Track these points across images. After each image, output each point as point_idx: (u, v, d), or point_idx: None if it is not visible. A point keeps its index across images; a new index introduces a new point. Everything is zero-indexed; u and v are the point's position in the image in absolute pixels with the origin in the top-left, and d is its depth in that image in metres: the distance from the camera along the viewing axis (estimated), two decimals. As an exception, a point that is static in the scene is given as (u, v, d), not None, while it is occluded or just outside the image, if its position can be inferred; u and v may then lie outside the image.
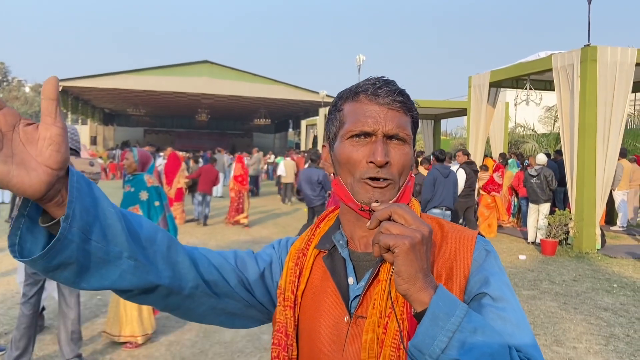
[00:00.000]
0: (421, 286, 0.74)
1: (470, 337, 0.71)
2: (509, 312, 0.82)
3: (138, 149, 4.54)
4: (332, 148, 0.99)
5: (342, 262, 0.97)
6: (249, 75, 30.09)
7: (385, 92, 0.92)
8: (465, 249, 0.91)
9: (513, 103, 12.45)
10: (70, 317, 3.75)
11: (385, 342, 0.85)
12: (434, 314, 0.72)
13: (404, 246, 0.72)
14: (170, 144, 35.89)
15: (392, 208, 0.77)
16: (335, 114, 0.99)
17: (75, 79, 28.00)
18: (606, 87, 8.69)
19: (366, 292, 0.91)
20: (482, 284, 0.86)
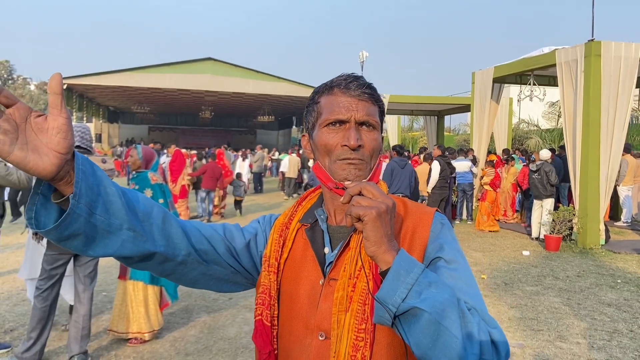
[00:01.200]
0: (386, 249, 0.87)
1: (425, 289, 0.84)
2: (459, 272, 0.98)
3: (142, 147, 4.56)
4: (312, 136, 1.13)
5: (321, 234, 1.11)
6: (252, 72, 30.05)
7: (356, 86, 1.07)
8: (424, 222, 1.07)
9: (517, 99, 12.40)
10: (80, 313, 3.79)
11: (354, 298, 0.98)
12: (396, 271, 0.85)
13: (372, 215, 0.85)
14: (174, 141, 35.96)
15: (361, 185, 0.91)
16: (313, 106, 1.13)
17: (79, 77, 28.04)
18: (610, 82, 8.65)
19: (338, 258, 1.05)
20: (438, 249, 1.02)
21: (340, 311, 0.99)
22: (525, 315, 5.27)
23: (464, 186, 11.46)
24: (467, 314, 0.86)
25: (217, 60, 29.73)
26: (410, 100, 17.41)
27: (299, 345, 1.05)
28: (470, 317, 0.86)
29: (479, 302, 0.93)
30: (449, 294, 0.85)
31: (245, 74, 29.81)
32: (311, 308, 1.05)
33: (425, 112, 20.01)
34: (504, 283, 6.53)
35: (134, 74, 28.55)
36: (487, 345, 0.86)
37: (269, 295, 1.09)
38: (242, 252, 1.14)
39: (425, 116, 20.61)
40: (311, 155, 1.15)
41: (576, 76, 8.92)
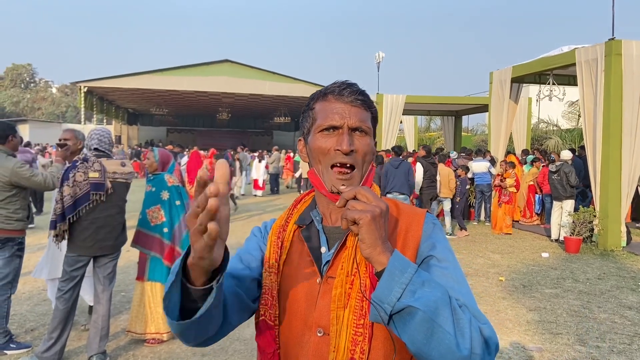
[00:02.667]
0: (380, 250, 0.91)
1: (419, 288, 0.88)
2: (450, 270, 1.02)
3: (159, 149, 4.61)
4: (307, 141, 1.16)
5: (317, 234, 1.15)
6: (269, 74, 30.16)
7: (349, 92, 1.10)
8: (416, 222, 1.11)
9: (535, 98, 12.25)
10: (100, 313, 3.86)
11: (352, 295, 1.03)
12: (391, 271, 0.89)
13: (367, 218, 0.89)
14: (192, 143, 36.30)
15: (356, 189, 0.94)
16: (308, 112, 1.16)
17: (100, 80, 28.48)
18: (632, 81, 8.50)
19: (335, 257, 1.08)
20: (430, 248, 1.06)
21: (338, 307, 1.02)
22: (544, 318, 5.20)
23: (482, 187, 11.33)
24: (458, 311, 0.90)
25: (234, 62, 29.92)
26: (427, 101, 17.32)
27: (298, 343, 1.08)
28: (462, 314, 0.90)
29: (470, 299, 0.97)
30: (441, 292, 0.89)
31: (262, 76, 29.94)
32: (309, 306, 1.08)
33: (443, 112, 19.88)
34: (523, 285, 6.45)
35: (152, 76, 28.89)
36: (478, 340, 0.89)
37: (271, 296, 1.12)
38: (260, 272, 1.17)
39: (442, 116, 20.48)
40: (306, 160, 1.18)
41: (596, 75, 8.78)
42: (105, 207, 3.81)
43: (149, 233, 4.30)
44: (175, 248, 4.33)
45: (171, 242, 4.31)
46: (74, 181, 3.64)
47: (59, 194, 3.67)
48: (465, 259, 7.94)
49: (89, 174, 3.70)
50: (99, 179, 3.74)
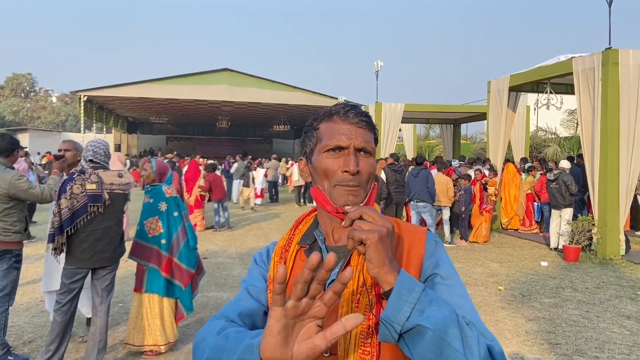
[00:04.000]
0: (388, 270, 0.92)
1: (427, 307, 0.89)
2: (454, 287, 1.03)
3: (156, 160, 4.62)
4: (310, 161, 1.17)
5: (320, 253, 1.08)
6: (268, 82, 30.23)
7: (354, 114, 1.13)
8: (418, 240, 1.11)
9: (533, 107, 12.28)
10: (97, 325, 3.85)
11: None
12: (399, 291, 0.90)
13: (374, 239, 0.90)
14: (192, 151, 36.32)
15: (362, 209, 0.96)
16: (312, 132, 1.17)
17: (99, 89, 28.51)
18: (629, 90, 8.54)
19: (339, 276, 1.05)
20: (434, 266, 1.07)
21: None
22: (543, 328, 5.19)
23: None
24: (466, 329, 0.90)
25: (234, 70, 30.01)
26: (425, 109, 17.37)
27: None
28: (470, 331, 0.90)
29: (475, 316, 0.98)
30: (449, 310, 0.89)
31: (261, 84, 30.03)
32: None
33: (441, 120, 19.92)
34: (522, 295, 6.44)
35: (152, 85, 28.96)
36: (486, 358, 0.90)
37: None
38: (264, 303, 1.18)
39: (441, 124, 20.52)
40: (308, 179, 1.19)
41: (594, 84, 8.82)
42: (103, 219, 3.81)
43: (147, 244, 4.30)
44: (173, 259, 4.32)
45: (169, 254, 4.30)
46: (72, 193, 3.65)
47: (56, 206, 3.67)
48: (465, 268, 7.93)
49: (86, 186, 3.70)
50: (97, 190, 3.75)
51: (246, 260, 8.32)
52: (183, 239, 4.40)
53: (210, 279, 7.01)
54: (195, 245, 4.51)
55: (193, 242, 4.49)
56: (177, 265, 4.34)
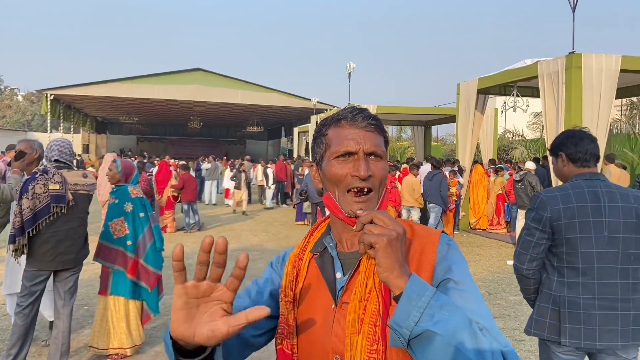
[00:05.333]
0: (398, 274, 0.90)
1: (437, 311, 0.87)
2: (468, 292, 1.00)
3: (121, 160, 4.54)
4: (320, 167, 1.16)
5: (331, 260, 1.15)
6: (241, 83, 30.09)
7: (362, 118, 1.11)
8: (431, 244, 1.08)
9: (501, 109, 12.55)
10: (60, 329, 3.77)
11: (365, 320, 1.02)
12: (408, 295, 0.88)
13: (383, 242, 0.90)
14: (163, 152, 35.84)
15: (373, 213, 0.95)
16: (321, 138, 1.16)
17: (67, 87, 27.89)
18: (592, 93, 8.79)
19: (349, 282, 1.08)
20: (446, 271, 1.03)
21: (352, 333, 1.02)
22: (508, 325, 5.31)
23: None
24: (479, 334, 0.88)
25: (206, 70, 29.78)
26: (397, 111, 17.57)
27: None
28: (482, 337, 0.88)
29: (490, 322, 0.95)
30: (460, 316, 0.88)
31: (234, 85, 29.87)
32: (326, 332, 1.08)
33: (413, 122, 20.16)
34: (488, 293, 6.57)
35: (122, 84, 28.48)
36: None
37: (287, 324, 1.13)
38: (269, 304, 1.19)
39: (412, 126, 20.76)
40: (319, 185, 1.19)
41: (558, 88, 9.06)
42: (66, 220, 3.74)
43: (112, 246, 4.23)
44: (139, 261, 4.26)
45: (135, 255, 4.24)
46: (34, 193, 3.57)
47: (17, 207, 3.58)
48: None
49: (49, 186, 3.63)
50: (60, 190, 3.67)
51: (216, 262, 8.25)
52: (149, 240, 4.35)
53: (179, 280, 6.93)
54: (162, 246, 4.46)
55: (160, 244, 4.44)
56: (144, 267, 4.29)
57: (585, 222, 2.30)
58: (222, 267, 0.87)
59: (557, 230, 2.34)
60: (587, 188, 2.36)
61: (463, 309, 0.90)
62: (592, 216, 2.30)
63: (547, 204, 2.35)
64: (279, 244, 10.16)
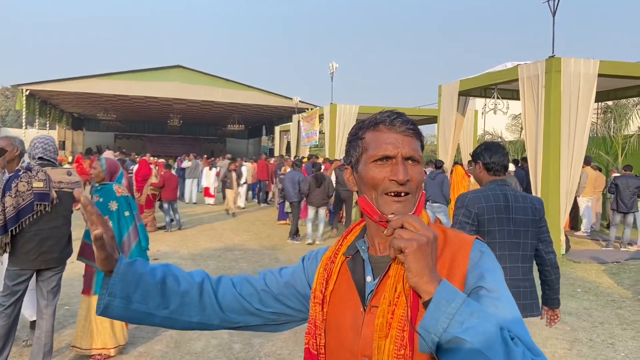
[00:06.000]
0: (427, 279, 0.91)
1: (467, 319, 0.86)
2: (501, 300, 0.99)
3: (106, 159, 4.48)
4: (356, 170, 1.17)
5: (362, 263, 1.16)
6: (222, 81, 29.84)
7: (400, 122, 1.12)
8: (463, 250, 1.08)
9: (481, 111, 12.72)
10: (43, 329, 3.70)
11: (393, 324, 1.02)
12: (438, 301, 0.88)
13: (412, 247, 0.91)
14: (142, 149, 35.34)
15: (404, 218, 0.96)
16: (357, 141, 1.17)
17: (43, 83, 27.30)
18: (570, 97, 8.97)
19: (379, 286, 1.09)
20: (479, 278, 1.03)
21: (380, 337, 1.03)
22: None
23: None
24: (510, 343, 0.86)
25: (186, 67, 29.45)
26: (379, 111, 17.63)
27: None
28: (514, 346, 0.87)
29: (523, 331, 0.94)
30: (491, 323, 0.86)
31: (215, 82, 29.61)
32: (355, 335, 1.09)
33: (394, 122, 20.23)
34: (470, 293, 6.65)
35: (100, 80, 27.99)
36: None
37: (315, 325, 1.16)
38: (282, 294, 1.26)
39: (393, 127, 20.82)
40: (354, 188, 1.19)
41: (538, 91, 9.22)
42: (50, 218, 3.67)
43: (96, 245, 4.16)
44: (124, 260, 4.21)
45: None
46: (17, 191, 3.50)
47: (0, 204, 3.51)
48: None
49: (32, 184, 3.56)
50: (44, 188, 3.61)
51: (198, 261, 8.19)
52: (134, 239, 4.30)
53: (161, 280, 6.86)
54: (147, 245, 4.41)
55: (145, 243, 4.39)
56: (128, 266, 4.23)
57: (500, 217, 2.90)
58: None
59: (481, 223, 2.91)
60: (499, 191, 2.95)
61: (495, 317, 0.89)
62: (504, 213, 2.91)
63: (474, 202, 2.92)
64: (261, 243, 10.13)
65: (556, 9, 9.32)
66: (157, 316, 1.17)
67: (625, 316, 5.76)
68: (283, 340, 4.76)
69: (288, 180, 10.85)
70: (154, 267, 1.19)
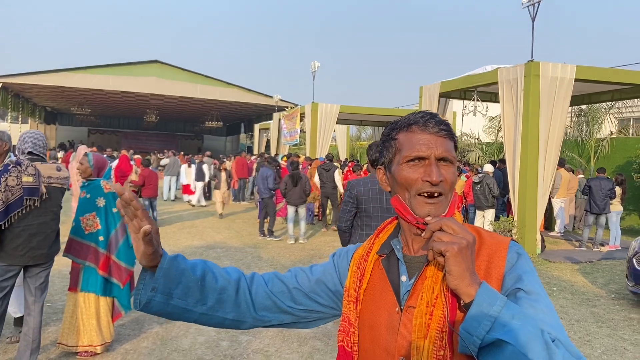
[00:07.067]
0: (468, 282, 0.93)
1: (509, 321, 0.87)
2: (540, 302, 0.99)
3: (93, 154, 4.44)
4: (390, 170, 1.18)
5: (397, 263, 1.16)
6: (200, 77, 29.53)
7: (433, 123, 1.12)
8: (500, 252, 1.08)
9: (461, 113, 12.92)
10: (30, 326, 3.66)
11: (431, 325, 1.02)
12: (479, 303, 0.90)
13: (453, 250, 0.92)
14: (116, 144, 34.80)
15: (442, 221, 0.97)
16: (390, 142, 1.18)
17: (16, 76, 26.59)
18: (548, 100, 9.21)
19: (415, 286, 1.09)
20: (517, 280, 1.03)
21: (419, 338, 1.03)
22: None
23: None
24: (551, 345, 0.87)
25: (164, 63, 29.08)
26: (359, 111, 17.78)
27: None
28: (555, 348, 0.87)
29: (562, 333, 0.94)
30: (532, 326, 0.87)
31: (193, 79, 29.31)
32: (391, 335, 1.09)
33: (374, 122, 20.45)
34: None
35: (74, 74, 27.40)
36: None
37: (349, 323, 1.16)
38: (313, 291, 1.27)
39: (373, 127, 21.06)
40: (387, 188, 1.20)
41: (517, 94, 9.43)
42: (39, 214, 3.63)
43: (83, 241, 4.13)
44: (111, 257, 4.18)
45: (107, 251, 4.16)
46: (6, 186, 3.45)
47: (-12, 199, 3.45)
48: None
49: (22, 178, 3.51)
50: (34, 183, 3.56)
51: (180, 258, 8.14)
52: (122, 236, 4.28)
53: (144, 277, 6.81)
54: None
55: (132, 239, 4.36)
56: (115, 264, 4.21)
57: (374, 197, 3.85)
58: None
59: (359, 202, 3.88)
60: (374, 179, 3.78)
61: (535, 319, 0.90)
62: (379, 195, 3.86)
63: (355, 187, 3.91)
64: (242, 241, 10.11)
65: (536, 14, 9.55)
66: (195, 312, 1.17)
67: (600, 314, 5.96)
68: (270, 337, 4.80)
69: (260, 177, 11.02)
70: (194, 263, 1.19)
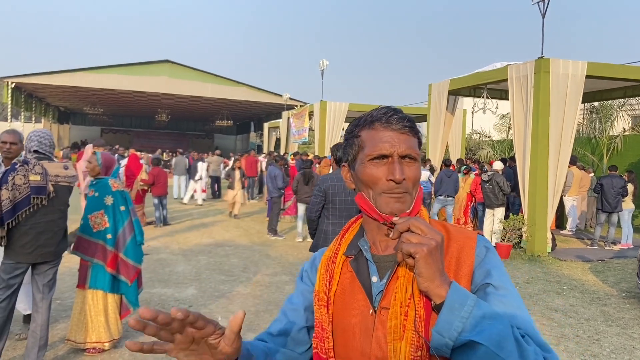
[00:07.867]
0: (439, 283, 0.91)
1: (480, 321, 0.87)
2: (509, 298, 0.98)
3: (102, 153, 4.48)
4: (353, 168, 1.15)
5: (366, 263, 1.12)
6: (210, 76, 29.69)
7: (396, 120, 1.09)
8: (468, 247, 1.07)
9: (470, 110, 12.84)
10: (38, 322, 3.70)
11: (407, 326, 1.00)
12: (450, 305, 0.88)
13: (423, 252, 0.90)
14: (128, 144, 35.07)
15: (410, 221, 0.94)
16: (353, 139, 1.15)
17: (29, 76, 26.94)
18: (558, 97, 9.11)
19: (388, 287, 1.06)
20: (485, 275, 1.03)
21: (395, 340, 1.01)
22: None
23: (423, 195, 11.86)
24: (522, 342, 0.87)
25: (175, 62, 29.26)
26: (368, 109, 17.68)
27: None
28: (526, 345, 0.87)
29: (531, 328, 0.94)
30: (503, 324, 0.87)
31: (203, 78, 29.47)
32: (366, 337, 1.06)
33: (383, 120, 20.33)
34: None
35: (87, 74, 27.70)
36: None
37: (322, 329, 1.12)
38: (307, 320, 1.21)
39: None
40: (352, 186, 1.18)
41: (527, 91, 9.35)
42: (46, 212, 3.67)
43: (91, 239, 4.17)
44: (119, 255, 4.23)
45: (115, 249, 4.21)
46: (14, 184, 3.49)
47: (-4, 198, 3.50)
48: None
49: (29, 177, 3.55)
50: (41, 182, 3.60)
51: (189, 257, 8.20)
52: (130, 233, 4.31)
53: (153, 275, 6.87)
54: (143, 240, 4.43)
55: (140, 237, 4.41)
56: (123, 261, 4.25)
57: (340, 192, 4.29)
58: None
59: (327, 195, 4.33)
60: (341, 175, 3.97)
61: (505, 316, 0.90)
62: (344, 189, 4.28)
63: (324, 182, 4.35)
64: (251, 239, 10.15)
65: (546, 10, 9.45)
66: None
67: (610, 313, 5.90)
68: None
69: (267, 176, 11.02)
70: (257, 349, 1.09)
